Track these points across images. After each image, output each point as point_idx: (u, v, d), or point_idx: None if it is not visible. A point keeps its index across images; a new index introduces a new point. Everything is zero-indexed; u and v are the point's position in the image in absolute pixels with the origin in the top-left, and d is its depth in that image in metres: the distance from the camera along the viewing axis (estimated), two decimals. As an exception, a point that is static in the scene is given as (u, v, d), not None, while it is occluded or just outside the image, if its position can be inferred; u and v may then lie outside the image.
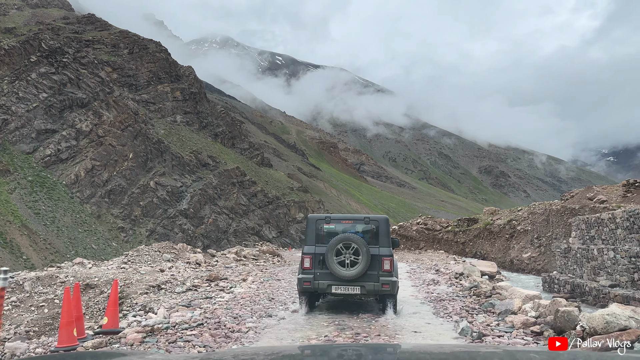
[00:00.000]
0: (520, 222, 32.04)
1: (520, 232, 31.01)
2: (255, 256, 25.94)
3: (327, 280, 8.80)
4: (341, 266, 8.66)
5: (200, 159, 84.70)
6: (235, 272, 17.49)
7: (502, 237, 32.82)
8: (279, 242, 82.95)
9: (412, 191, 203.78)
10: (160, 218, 73.70)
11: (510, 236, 31.85)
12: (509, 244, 31.42)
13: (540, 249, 27.52)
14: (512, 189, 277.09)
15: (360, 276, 8.68)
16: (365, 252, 8.63)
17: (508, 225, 33.09)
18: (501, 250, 32.20)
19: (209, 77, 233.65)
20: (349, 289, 8.78)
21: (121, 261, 18.06)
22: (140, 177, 77.41)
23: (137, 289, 12.12)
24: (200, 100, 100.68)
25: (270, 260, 25.96)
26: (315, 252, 9.00)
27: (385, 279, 8.74)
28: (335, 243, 8.71)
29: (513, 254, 29.47)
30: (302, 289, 9.01)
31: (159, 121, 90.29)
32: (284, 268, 21.30)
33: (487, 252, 33.80)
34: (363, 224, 9.43)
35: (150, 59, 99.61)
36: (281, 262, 25.94)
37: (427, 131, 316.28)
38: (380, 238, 9.05)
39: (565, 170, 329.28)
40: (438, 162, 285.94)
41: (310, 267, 8.96)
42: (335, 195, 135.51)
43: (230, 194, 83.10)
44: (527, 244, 28.91)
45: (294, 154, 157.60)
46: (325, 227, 9.31)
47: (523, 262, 27.74)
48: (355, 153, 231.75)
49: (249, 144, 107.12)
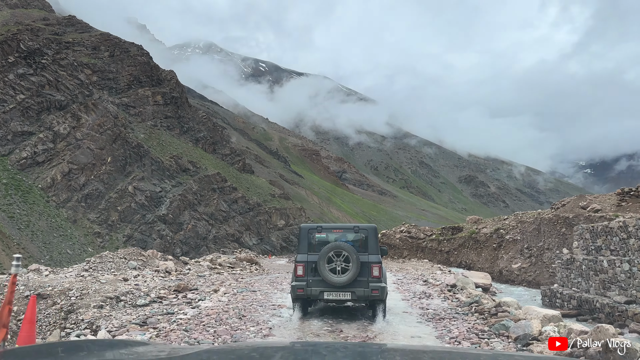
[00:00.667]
0: (509, 231, 31.01)
1: (509, 241, 30.10)
2: (231, 264, 24.68)
3: (320, 287, 9.21)
4: (333, 273, 9.07)
5: (180, 164, 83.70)
6: (208, 282, 16.26)
7: (489, 247, 31.78)
8: (260, 249, 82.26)
9: (394, 200, 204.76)
10: (138, 223, 72.45)
11: (498, 246, 30.90)
12: (496, 254, 30.40)
13: (530, 260, 26.62)
14: (491, 199, 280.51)
15: (350, 282, 9.09)
16: (355, 259, 9.04)
17: (495, 235, 32.05)
18: (488, 260, 31.11)
19: (192, 82, 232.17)
20: (340, 295, 9.20)
21: (81, 268, 16.57)
22: (119, 182, 76.12)
23: (91, 301, 10.86)
24: (181, 105, 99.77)
25: (247, 268, 24.70)
26: (308, 260, 9.40)
27: (374, 285, 9.17)
28: (327, 251, 9.12)
29: (502, 265, 28.52)
30: (296, 296, 9.44)
31: (139, 125, 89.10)
32: (262, 277, 20.03)
33: (473, 262, 32.81)
34: (353, 233, 9.88)
35: (132, 62, 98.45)
36: (259, 270, 24.76)
37: (408, 140, 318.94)
38: (369, 246, 9.50)
39: (543, 182, 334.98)
40: (419, 171, 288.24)
41: (303, 275, 9.35)
42: (317, 203, 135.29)
43: (211, 200, 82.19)
44: (516, 254, 28.04)
45: (276, 161, 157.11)
46: (317, 236, 9.77)
47: (513, 272, 26.81)
48: (337, 161, 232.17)
49: (230, 149, 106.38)
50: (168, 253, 71.42)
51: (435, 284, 16.68)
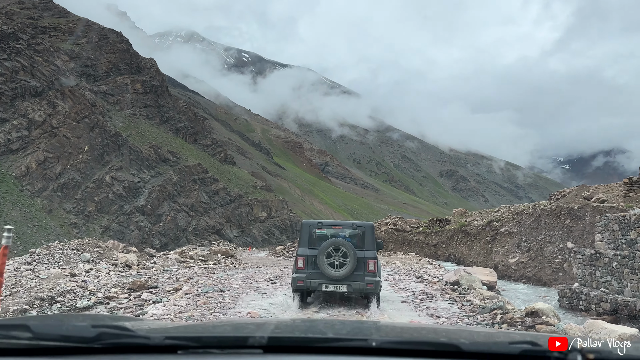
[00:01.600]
0: (503, 223, 29.20)
1: (504, 234, 28.18)
2: (204, 257, 22.98)
3: (318, 279, 9.82)
4: (331, 267, 9.65)
5: (159, 154, 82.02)
6: (173, 278, 14.51)
7: (482, 240, 30.03)
8: (241, 242, 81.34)
9: (376, 193, 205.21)
10: (115, 214, 70.85)
11: (492, 239, 29.07)
12: (490, 248, 28.62)
13: (529, 254, 24.85)
14: (471, 193, 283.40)
15: (347, 276, 9.70)
16: (353, 254, 9.63)
17: (488, 227, 30.22)
18: (481, 253, 29.30)
19: (172, 71, 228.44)
20: (337, 287, 9.83)
21: (23, 261, 14.46)
22: (96, 171, 74.27)
23: (13, 304, 9.02)
24: (161, 93, 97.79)
25: (222, 262, 23.01)
26: (308, 254, 10.03)
27: (369, 279, 9.83)
28: (326, 246, 9.70)
29: (497, 259, 26.70)
30: (296, 287, 10.06)
31: (117, 113, 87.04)
32: (236, 273, 18.04)
33: (464, 256, 31.19)
34: (351, 230, 10.59)
35: (110, 49, 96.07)
36: (235, 264, 23.05)
37: (391, 134, 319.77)
38: (366, 242, 10.10)
39: (522, 177, 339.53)
40: (401, 165, 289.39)
41: (304, 268, 9.96)
42: (299, 195, 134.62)
43: (191, 191, 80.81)
44: (513, 247, 26.24)
45: (258, 153, 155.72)
46: (318, 232, 10.41)
47: (510, 267, 25.05)
48: (320, 153, 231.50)
49: (211, 140, 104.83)
50: (146, 245, 70.14)
51: (432, 281, 15.51)
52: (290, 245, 39.35)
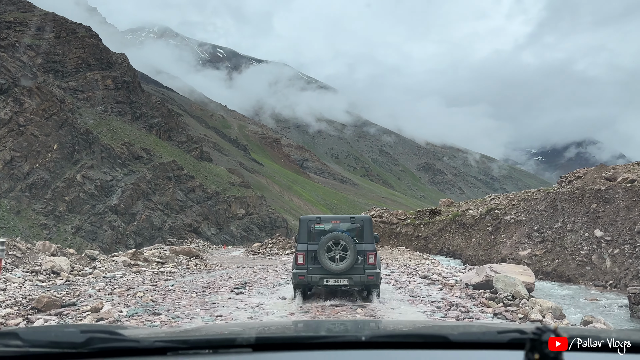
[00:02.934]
0: (507, 211, 26.20)
1: (510, 223, 25.11)
2: (162, 259, 20.06)
3: (319, 274, 9.87)
4: (332, 261, 9.69)
5: (132, 152, 79.76)
6: (108, 289, 11.73)
7: (482, 231, 27.24)
8: (219, 240, 79.84)
9: (354, 188, 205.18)
10: (87, 214, 68.59)
11: (495, 229, 26.10)
12: (494, 239, 25.70)
13: (544, 245, 21.83)
14: (448, 186, 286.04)
15: (348, 269, 9.75)
16: (353, 248, 9.66)
17: (489, 216, 27.32)
18: (482, 246, 26.32)
19: (145, 67, 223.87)
20: (338, 281, 9.89)
21: None
22: (66, 170, 71.76)
23: None
24: (134, 89, 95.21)
25: (184, 264, 20.10)
26: (308, 250, 10.05)
27: (370, 271, 9.89)
28: (326, 241, 9.71)
29: (504, 251, 23.62)
30: (297, 282, 10.06)
31: (87, 110, 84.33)
32: (196, 278, 14.80)
33: (461, 249, 28.62)
34: (349, 223, 10.58)
35: (79, 44, 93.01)
36: (200, 266, 20.16)
37: (368, 129, 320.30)
38: (365, 235, 10.20)
39: (497, 169, 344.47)
40: (379, 160, 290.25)
41: (304, 263, 9.99)
42: (278, 192, 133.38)
43: (166, 188, 78.87)
44: (522, 238, 23.33)
45: (235, 149, 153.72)
46: (316, 227, 10.41)
47: (521, 261, 21.95)
48: (298, 149, 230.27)
49: (187, 137, 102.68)
50: (121, 245, 68.23)
51: (446, 283, 12.87)
52: (267, 242, 37.85)
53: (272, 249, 34.58)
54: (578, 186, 22.83)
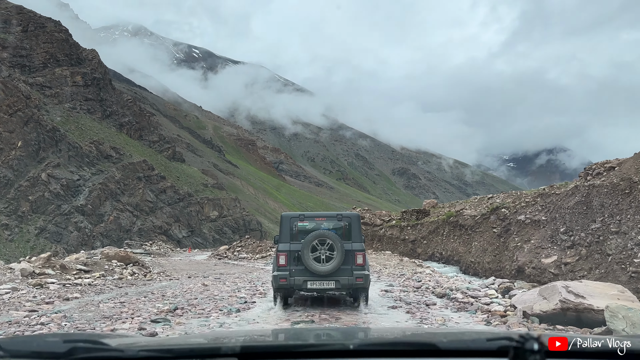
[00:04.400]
0: (520, 209, 22.13)
1: (525, 224, 20.90)
2: (87, 266, 16.09)
3: (303, 276, 9.10)
4: (317, 262, 8.96)
5: (101, 150, 77.20)
6: None
7: (486, 233, 23.45)
8: (190, 242, 77.92)
9: (330, 191, 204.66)
10: (52, 215, 65.89)
11: (504, 231, 22.15)
12: (504, 243, 21.77)
13: (577, 251, 17.65)
14: (422, 191, 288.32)
15: (335, 271, 9.01)
16: (340, 247, 8.95)
17: (494, 216, 23.48)
18: (489, 251, 22.45)
19: (118, 65, 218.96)
20: (324, 284, 9.13)
21: None
22: (30, 169, 68.87)
23: None
24: (104, 87, 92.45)
25: (117, 272, 16.26)
26: (290, 250, 9.27)
27: (358, 273, 9.12)
28: (311, 239, 8.98)
29: (522, 258, 19.43)
30: (278, 286, 9.25)
31: (55, 107, 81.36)
32: (115, 296, 11.24)
33: (458, 254, 25.12)
34: (336, 221, 9.75)
35: (48, 38, 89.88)
36: (137, 276, 16.42)
37: (343, 132, 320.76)
38: (353, 234, 9.44)
39: (470, 174, 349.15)
40: (355, 163, 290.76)
41: (286, 264, 9.21)
42: (253, 194, 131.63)
43: (136, 189, 76.54)
44: (544, 242, 19.27)
45: (209, 150, 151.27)
46: (299, 225, 9.60)
47: (546, 271, 17.83)
48: (274, 151, 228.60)
49: (159, 136, 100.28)
50: (87, 247, 65.79)
51: (486, 309, 9.00)
52: (235, 245, 35.28)
53: (240, 253, 31.88)
54: (622, 177, 18.34)
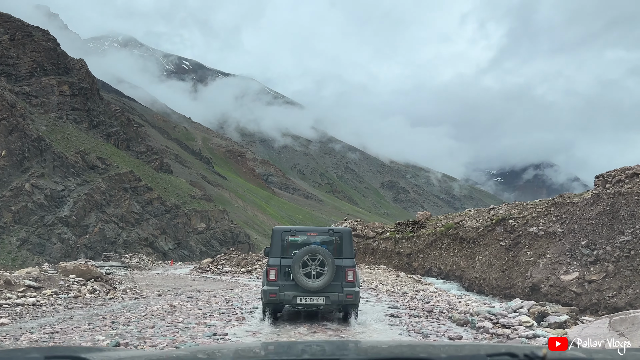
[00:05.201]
0: (530, 221, 20.08)
1: (538, 236, 19.03)
2: (38, 282, 13.82)
3: (293, 291, 9.04)
4: (307, 277, 8.91)
5: (87, 161, 75.97)
6: None
7: (492, 246, 21.65)
8: (177, 255, 76.63)
9: (319, 204, 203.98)
10: (35, 226, 64.38)
11: (513, 244, 20.19)
12: (513, 257, 19.72)
13: (602, 267, 15.70)
14: (411, 204, 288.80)
15: (325, 287, 8.95)
16: (331, 263, 8.91)
17: (500, 228, 21.60)
18: (496, 267, 20.46)
19: (106, 75, 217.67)
20: (314, 300, 9.06)
21: None
22: (14, 178, 67.42)
23: None
24: (91, 96, 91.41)
25: (74, 289, 14.14)
26: (281, 264, 9.20)
27: (349, 289, 9.07)
28: (302, 254, 8.95)
29: (536, 274, 17.49)
30: (268, 301, 9.15)
31: (40, 116, 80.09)
32: (49, 323, 9.35)
33: (460, 269, 23.30)
34: (327, 236, 9.69)
35: (35, 47, 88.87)
36: (97, 294, 14.37)
37: (333, 145, 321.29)
38: (344, 249, 9.40)
39: (458, 188, 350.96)
40: (344, 176, 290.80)
41: (276, 279, 9.13)
42: (242, 206, 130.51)
43: (122, 200, 75.27)
44: (562, 256, 17.28)
45: (198, 162, 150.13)
46: (291, 239, 9.55)
47: (566, 289, 15.92)
48: (263, 164, 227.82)
49: (146, 147, 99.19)
50: (70, 259, 64.27)
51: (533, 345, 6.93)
52: (219, 258, 33.48)
53: (224, 267, 29.99)
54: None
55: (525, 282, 17.92)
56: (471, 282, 21.90)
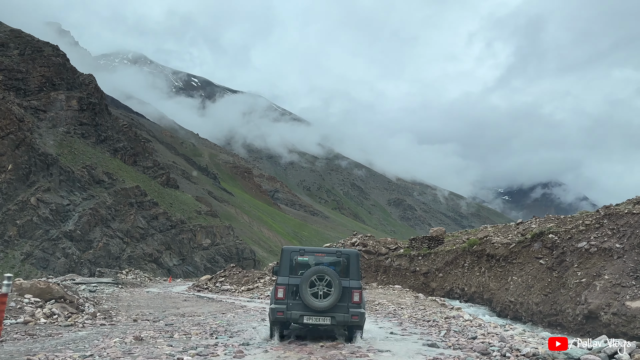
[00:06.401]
0: (577, 235, 17.31)
1: (590, 253, 16.20)
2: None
3: (300, 310, 9.12)
4: (314, 297, 9.00)
5: (93, 175, 75.80)
6: None
7: (529, 265, 18.71)
8: (181, 271, 75.80)
9: (325, 220, 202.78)
10: (39, 240, 63.94)
11: (557, 262, 17.29)
12: (558, 278, 16.90)
13: None
14: (417, 222, 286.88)
15: (331, 307, 9.02)
16: (338, 284, 9.00)
17: (538, 244, 18.75)
18: (536, 289, 17.52)
19: (115, 92, 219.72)
20: (320, 320, 9.13)
21: None
22: (20, 192, 67.24)
23: None
24: (100, 111, 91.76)
25: (28, 312, 11.46)
26: (289, 283, 9.29)
27: (354, 311, 9.15)
28: (310, 275, 9.04)
29: (593, 300, 14.62)
30: (275, 319, 9.21)
31: (48, 131, 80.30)
32: None
33: (489, 291, 20.74)
34: (335, 257, 9.78)
35: (45, 62, 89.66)
36: (57, 319, 11.54)
37: (339, 162, 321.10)
38: (351, 271, 9.47)
39: (466, 206, 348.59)
40: (351, 193, 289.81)
41: (284, 298, 9.20)
42: (247, 222, 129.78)
43: (127, 215, 74.82)
44: (624, 277, 14.44)
45: (205, 177, 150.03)
46: (299, 259, 9.68)
47: (635, 318, 13.04)
48: (270, 180, 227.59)
49: (153, 162, 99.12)
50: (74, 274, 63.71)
51: None
52: (219, 275, 31.10)
53: (223, 284, 28.05)
54: None
55: (578, 309, 15.09)
56: (504, 306, 19.33)
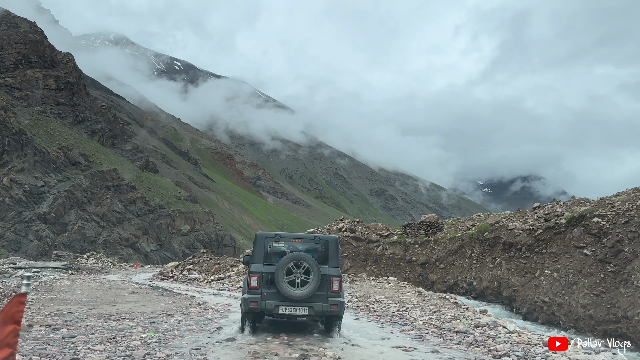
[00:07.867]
0: (635, 218, 13.63)
1: None
2: None
3: (275, 300, 8.60)
4: (291, 286, 8.53)
5: (69, 157, 73.86)
6: None
7: (566, 256, 14.94)
8: (159, 256, 74.67)
9: (307, 209, 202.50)
10: (12, 222, 62.14)
11: (612, 254, 13.51)
12: (614, 275, 13.24)
13: None
14: (399, 212, 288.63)
15: (309, 296, 8.57)
16: (317, 271, 8.56)
17: (578, 229, 15.07)
18: (581, 287, 13.90)
19: (95, 72, 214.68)
20: (297, 310, 8.65)
21: None
22: (-9, 173, 65.21)
23: None
24: (78, 91, 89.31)
25: None
26: (263, 271, 8.77)
27: (333, 300, 8.68)
28: (287, 261, 8.56)
29: None
30: (248, 309, 8.70)
31: (23, 110, 77.87)
32: None
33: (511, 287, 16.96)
34: (313, 243, 9.29)
35: (21, 39, 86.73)
36: None
37: (322, 150, 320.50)
38: (330, 258, 9.02)
39: (446, 197, 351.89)
40: (333, 182, 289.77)
41: (258, 287, 8.70)
42: (228, 208, 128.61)
43: (103, 198, 73.22)
44: None
45: (185, 162, 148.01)
46: (275, 245, 9.12)
47: None
48: (252, 167, 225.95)
49: (132, 145, 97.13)
50: (47, 257, 62.21)
51: None
52: (187, 262, 28.20)
53: (191, 272, 25.35)
54: None
55: (638, 316, 11.54)
56: (532, 307, 15.51)
